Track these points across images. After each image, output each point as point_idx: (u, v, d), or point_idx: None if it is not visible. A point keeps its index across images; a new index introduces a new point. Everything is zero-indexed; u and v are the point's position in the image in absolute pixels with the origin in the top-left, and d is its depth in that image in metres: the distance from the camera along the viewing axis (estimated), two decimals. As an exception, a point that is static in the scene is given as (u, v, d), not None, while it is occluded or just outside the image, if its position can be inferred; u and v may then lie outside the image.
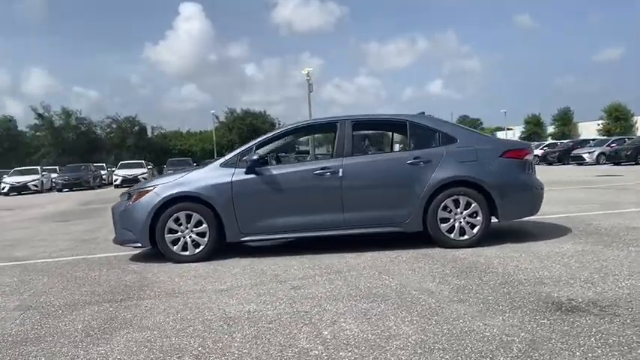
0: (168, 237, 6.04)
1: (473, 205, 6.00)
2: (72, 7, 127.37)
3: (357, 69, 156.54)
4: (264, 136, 6.44)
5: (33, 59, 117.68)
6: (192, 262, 5.97)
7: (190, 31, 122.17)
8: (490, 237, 6.18)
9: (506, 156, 6.16)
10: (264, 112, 70.36)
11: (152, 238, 6.07)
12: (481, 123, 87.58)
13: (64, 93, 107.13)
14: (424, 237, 6.11)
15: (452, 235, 6.00)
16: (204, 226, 6.03)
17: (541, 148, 36.90)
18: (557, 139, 52.96)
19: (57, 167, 38.82)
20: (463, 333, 3.24)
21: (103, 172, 37.47)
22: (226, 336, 3.42)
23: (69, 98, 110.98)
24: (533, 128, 77.07)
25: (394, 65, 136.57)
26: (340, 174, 6.00)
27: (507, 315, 3.53)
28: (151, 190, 6.16)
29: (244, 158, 6.04)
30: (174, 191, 6.06)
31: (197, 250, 6.04)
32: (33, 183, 31.73)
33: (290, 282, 4.83)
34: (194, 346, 3.26)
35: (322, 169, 6.05)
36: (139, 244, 6.15)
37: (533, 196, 6.31)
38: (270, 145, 6.61)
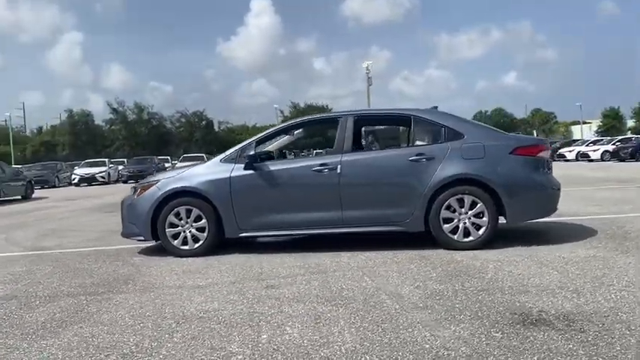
0: (169, 231, 6.10)
1: (478, 205, 5.67)
2: (149, 5, 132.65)
3: (426, 61, 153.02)
4: (266, 132, 6.37)
5: (113, 56, 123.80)
6: (192, 256, 6.00)
7: (260, 26, 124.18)
8: (502, 238, 5.85)
9: (516, 153, 5.77)
10: (327, 105, 70.50)
11: (155, 232, 6.15)
12: (555, 117, 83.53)
13: (141, 88, 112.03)
14: (431, 237, 5.84)
15: (455, 237, 5.70)
16: (204, 221, 6.04)
17: (613, 144, 34.73)
18: (637, 134, 49.71)
19: (125, 160, 40.60)
20: (402, 343, 3.03)
21: (167, 164, 38.80)
22: (166, 335, 3.37)
23: (145, 93, 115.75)
24: (611, 122, 72.76)
25: (465, 57, 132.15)
26: (338, 170, 5.84)
27: (462, 326, 3.28)
28: (153, 185, 6.24)
29: (243, 154, 5.99)
30: (174, 186, 6.11)
31: (196, 245, 6.07)
32: (100, 174, 33.35)
33: (269, 281, 4.74)
34: (129, 345, 3.23)
35: (320, 165, 5.90)
36: (142, 238, 6.25)
37: (546, 196, 5.89)
38: (273, 141, 6.53)
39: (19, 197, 20.40)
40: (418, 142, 5.99)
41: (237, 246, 6.30)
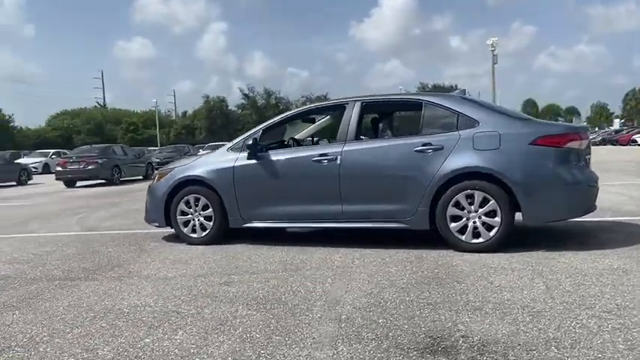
0: (180, 219, 6.17)
1: (490, 202, 5.00)
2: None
3: (576, 35, 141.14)
4: (272, 120, 6.15)
5: (254, 44, 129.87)
6: (200, 244, 6.03)
7: (395, 6, 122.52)
8: (526, 239, 5.15)
9: (539, 143, 4.98)
10: (455, 86, 67.69)
11: (168, 219, 6.27)
12: None
13: (280, 74, 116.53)
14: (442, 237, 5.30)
15: (463, 237, 5.09)
16: (210, 210, 6.02)
17: None
18: None
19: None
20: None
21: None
22: (68, 330, 3.36)
23: (284, 79, 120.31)
24: None
25: (622, 29, 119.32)
26: (338, 161, 5.47)
27: (356, 346, 2.87)
28: (169, 172, 6.33)
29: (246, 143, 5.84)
30: (184, 174, 6.15)
31: (204, 234, 6.07)
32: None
33: (234, 276, 4.58)
34: (32, 336, 3.27)
35: (320, 155, 5.57)
36: (157, 224, 6.39)
37: (575, 193, 5.04)
38: (280, 128, 6.30)
39: (141, 177, 22.15)
40: (427, 131, 5.40)
41: (253, 236, 6.17)
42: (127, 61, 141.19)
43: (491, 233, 5.01)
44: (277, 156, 5.81)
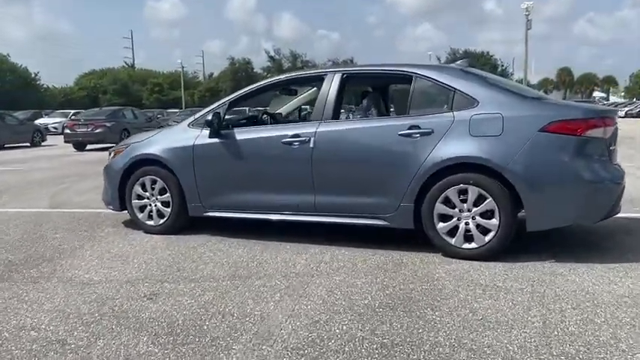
0: (135, 203, 5.41)
1: (487, 200, 4.10)
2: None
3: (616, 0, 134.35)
4: (241, 91, 5.25)
5: (284, 4, 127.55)
6: (157, 233, 5.29)
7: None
8: (539, 244, 4.31)
9: (551, 129, 4.01)
10: (487, 52, 65.26)
11: (124, 202, 5.52)
12: None
13: (310, 36, 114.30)
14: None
15: (453, 240, 4.21)
16: (168, 194, 5.23)
17: None
18: None
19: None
20: None
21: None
22: None
23: (315, 41, 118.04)
24: None
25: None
26: (311, 144, 4.59)
27: None
28: (125, 149, 5.55)
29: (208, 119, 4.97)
30: (139, 152, 5.36)
31: (161, 221, 5.31)
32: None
33: (169, 284, 3.81)
34: None
35: (292, 136, 4.69)
36: (112, 207, 5.65)
37: (595, 193, 4.07)
38: (250, 101, 5.41)
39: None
40: (416, 111, 4.46)
41: (223, 226, 5.37)
42: (156, 21, 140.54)
43: (487, 238, 4.12)
44: (243, 135, 4.95)
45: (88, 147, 19.38)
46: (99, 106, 39.89)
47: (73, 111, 36.84)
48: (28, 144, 22.01)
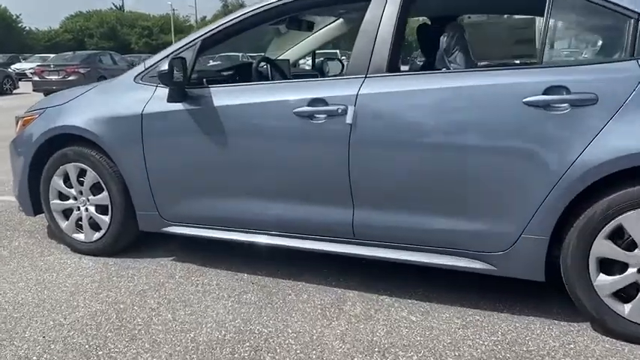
0: (56, 204, 3.36)
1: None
2: None
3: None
4: (220, 23, 3.03)
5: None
6: (90, 254, 3.30)
7: None
8: None
9: None
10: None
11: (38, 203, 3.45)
12: None
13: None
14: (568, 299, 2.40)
15: (627, 310, 2.18)
16: (106, 193, 3.15)
17: None
18: None
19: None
20: None
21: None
22: None
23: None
24: None
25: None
26: (349, 118, 2.48)
27: None
28: (37, 117, 3.41)
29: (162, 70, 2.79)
30: (57, 124, 3.24)
31: (96, 236, 3.26)
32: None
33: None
34: None
35: (313, 102, 2.57)
36: (22, 209, 3.57)
37: None
38: (237, 42, 3.22)
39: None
40: (555, 59, 2.35)
41: (197, 247, 3.29)
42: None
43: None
44: (225, 98, 2.83)
45: (61, 97, 17.07)
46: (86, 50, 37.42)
47: (52, 55, 34.15)
48: (-2, 92, 19.64)
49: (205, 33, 2.97)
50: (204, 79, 2.98)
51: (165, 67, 2.69)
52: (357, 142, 2.49)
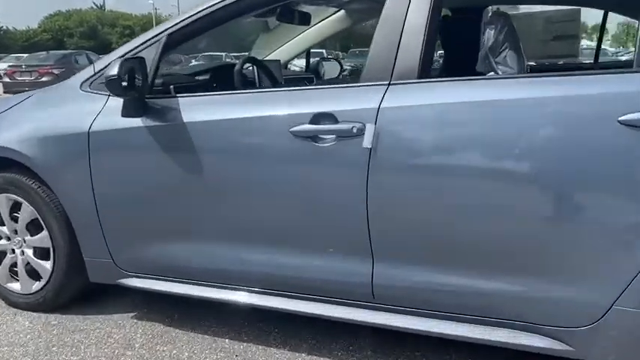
0: (-17, 247, 2.61)
1: None
2: None
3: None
4: (190, 15, 2.31)
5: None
6: (28, 309, 2.55)
7: None
8: None
9: None
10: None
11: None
12: None
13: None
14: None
15: None
16: (46, 233, 2.43)
17: None
18: None
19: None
20: None
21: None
22: None
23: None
24: None
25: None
26: (367, 141, 1.79)
27: None
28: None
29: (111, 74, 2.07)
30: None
31: (35, 287, 2.54)
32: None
33: None
34: None
35: (317, 119, 1.88)
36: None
37: None
38: (213, 38, 2.51)
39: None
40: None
41: (159, 299, 2.57)
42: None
43: None
44: (198, 112, 2.12)
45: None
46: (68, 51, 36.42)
47: (26, 55, 33.10)
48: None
49: (173, 25, 2.26)
50: (172, 86, 2.27)
51: (114, 70, 1.97)
52: (380, 172, 1.81)
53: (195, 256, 2.20)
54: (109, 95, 2.22)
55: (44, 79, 15.81)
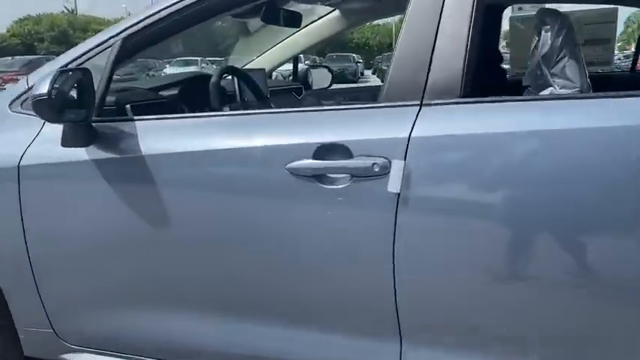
0: None
1: None
2: None
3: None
4: (152, 13, 1.79)
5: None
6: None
7: None
8: None
9: None
10: None
11: None
12: None
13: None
14: None
15: None
16: (-33, 299, 1.88)
17: None
18: None
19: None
20: None
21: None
22: None
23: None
24: None
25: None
26: (394, 184, 1.29)
27: None
28: None
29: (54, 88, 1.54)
30: None
31: (-44, 363, 1.97)
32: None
33: None
34: None
35: (321, 151, 1.38)
36: None
37: None
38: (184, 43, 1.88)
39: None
40: None
41: None
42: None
43: None
44: (162, 140, 1.60)
45: None
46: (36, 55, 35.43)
47: (-6, 61, 32.03)
48: None
49: (130, 26, 1.73)
50: (128, 106, 1.75)
51: (44, 88, 1.44)
52: (411, 225, 1.31)
53: (160, 327, 1.68)
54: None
55: (9, 85, 15.11)
